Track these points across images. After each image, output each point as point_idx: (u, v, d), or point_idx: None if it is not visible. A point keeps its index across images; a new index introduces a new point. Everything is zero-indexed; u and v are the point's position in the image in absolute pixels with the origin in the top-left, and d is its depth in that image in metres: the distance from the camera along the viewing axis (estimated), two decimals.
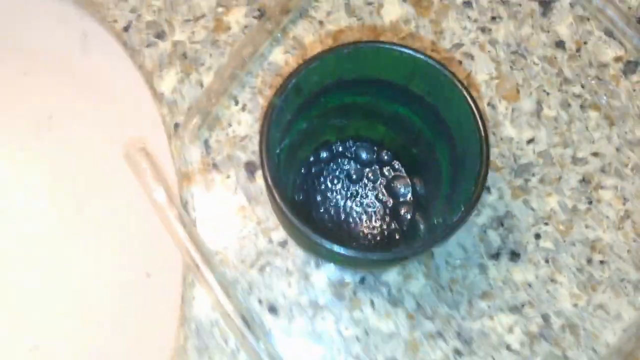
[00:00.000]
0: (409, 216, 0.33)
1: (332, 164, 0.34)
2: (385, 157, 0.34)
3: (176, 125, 0.36)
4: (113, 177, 0.45)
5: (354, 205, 0.34)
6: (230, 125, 0.36)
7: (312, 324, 0.34)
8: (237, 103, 0.37)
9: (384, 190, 0.34)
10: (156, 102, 0.37)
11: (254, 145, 0.36)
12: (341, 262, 0.27)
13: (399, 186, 0.34)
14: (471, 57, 0.37)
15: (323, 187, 0.34)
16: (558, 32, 0.38)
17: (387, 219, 0.34)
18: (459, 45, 0.38)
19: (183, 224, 0.34)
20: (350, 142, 0.34)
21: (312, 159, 0.34)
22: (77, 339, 0.44)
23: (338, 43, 0.37)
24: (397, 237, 0.33)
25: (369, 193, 0.34)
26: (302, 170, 0.34)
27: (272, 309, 0.34)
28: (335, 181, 0.34)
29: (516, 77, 0.37)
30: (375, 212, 0.34)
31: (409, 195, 0.34)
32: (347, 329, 0.34)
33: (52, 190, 0.46)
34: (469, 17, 0.38)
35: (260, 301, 0.34)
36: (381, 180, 0.34)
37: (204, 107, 0.35)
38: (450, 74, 0.26)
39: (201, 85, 0.37)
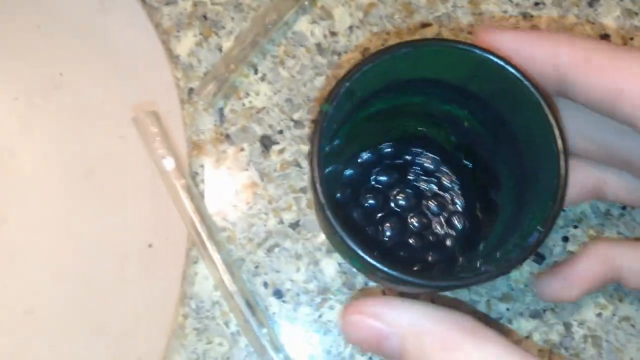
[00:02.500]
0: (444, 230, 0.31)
1: (374, 167, 0.31)
2: (433, 163, 0.31)
3: (190, 91, 0.34)
4: (123, 141, 0.43)
5: (392, 211, 0.31)
6: (247, 95, 0.34)
7: (318, 313, 0.32)
8: (256, 72, 0.34)
9: (428, 202, 0.31)
10: (171, 65, 0.35)
11: (271, 118, 0.34)
12: (388, 281, 0.24)
13: (447, 198, 0.31)
14: None
15: (362, 189, 0.31)
16: (604, 25, 0.36)
17: (426, 231, 0.31)
18: None
19: (190, 196, 0.32)
20: (393, 143, 0.31)
21: (353, 161, 0.31)
22: (73, 306, 0.42)
23: (369, 18, 0.35)
24: (430, 254, 0.31)
25: (411, 200, 0.31)
26: (344, 173, 0.31)
27: (278, 294, 0.32)
28: (376, 185, 0.31)
29: None
30: (413, 222, 0.31)
31: (458, 209, 0.30)
32: None
33: (62, 150, 0.44)
34: (510, 0, 0.36)
35: (265, 284, 0.32)
36: (425, 189, 0.31)
37: (221, 74, 0.33)
38: (523, 76, 0.23)
39: (220, 50, 0.34)
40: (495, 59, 0.23)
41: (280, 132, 0.34)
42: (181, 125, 0.34)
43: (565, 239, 0.33)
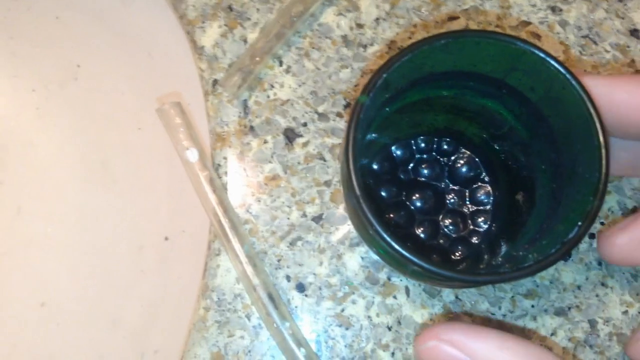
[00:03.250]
0: (482, 227, 0.30)
1: (402, 160, 0.31)
2: (464, 158, 0.31)
3: (214, 82, 0.34)
4: (142, 133, 0.43)
5: (420, 207, 0.31)
6: (272, 87, 0.34)
7: (341, 307, 0.32)
8: (281, 64, 0.34)
9: (459, 196, 0.31)
10: (195, 56, 0.34)
11: (295, 110, 0.34)
12: (424, 278, 0.24)
13: (478, 193, 0.31)
14: (538, 37, 0.35)
15: (390, 184, 0.31)
16: (633, 20, 0.35)
17: (459, 227, 0.30)
18: (525, 24, 0.35)
19: (213, 188, 0.32)
20: (424, 137, 0.31)
21: (381, 155, 0.31)
22: (88, 298, 0.42)
23: (396, 10, 0.35)
24: (459, 249, 0.30)
25: (440, 195, 0.31)
26: (370, 167, 0.31)
27: (300, 287, 0.32)
28: (404, 179, 0.31)
29: (585, 63, 0.34)
30: (444, 218, 0.30)
31: (488, 206, 0.30)
32: (378, 315, 0.32)
33: (78, 142, 0.44)
34: None
35: (288, 277, 0.32)
36: (455, 183, 0.31)
37: (246, 66, 0.33)
38: (565, 70, 0.22)
39: (245, 41, 0.34)
40: (538, 52, 0.22)
41: (305, 124, 0.33)
42: (204, 117, 0.34)
43: (592, 236, 0.33)
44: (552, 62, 0.22)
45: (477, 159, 0.30)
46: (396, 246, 0.21)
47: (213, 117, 0.33)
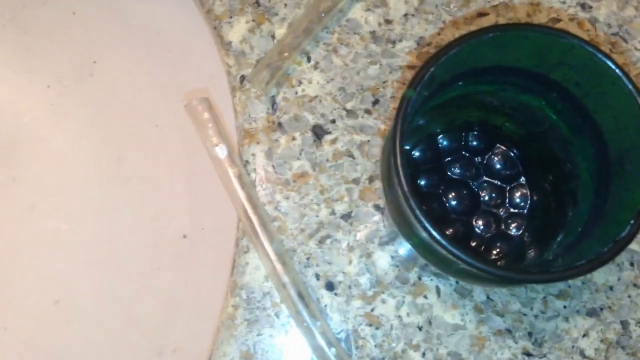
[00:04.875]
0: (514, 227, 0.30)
1: (436, 157, 0.30)
2: (500, 155, 0.30)
3: (242, 78, 0.33)
4: (159, 130, 0.42)
5: (454, 205, 0.30)
6: (300, 83, 0.33)
7: (371, 306, 0.31)
8: (309, 60, 0.34)
9: (495, 194, 0.30)
10: (222, 52, 0.34)
11: (323, 107, 0.33)
12: (465, 276, 0.24)
13: (515, 194, 0.30)
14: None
15: (426, 175, 0.31)
16: None
17: (492, 227, 0.30)
18: (555, 21, 0.34)
19: (242, 185, 0.32)
20: (460, 134, 0.30)
21: (415, 152, 0.30)
22: (103, 296, 0.42)
23: (425, 6, 0.34)
24: (498, 247, 0.30)
25: (475, 194, 0.30)
26: (409, 155, 0.30)
27: (330, 286, 0.31)
28: (436, 176, 0.30)
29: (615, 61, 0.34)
30: (478, 217, 0.30)
31: (525, 205, 0.30)
32: (408, 315, 0.31)
33: (93, 139, 0.44)
34: None
35: (317, 276, 0.31)
36: (491, 181, 0.30)
37: (274, 62, 0.33)
38: (616, 65, 0.22)
39: (273, 37, 0.34)
40: (587, 46, 0.22)
41: (333, 121, 0.33)
42: (232, 113, 0.33)
43: None
44: (602, 57, 0.22)
45: (513, 157, 0.30)
46: (450, 247, 0.20)
47: (241, 113, 0.33)
